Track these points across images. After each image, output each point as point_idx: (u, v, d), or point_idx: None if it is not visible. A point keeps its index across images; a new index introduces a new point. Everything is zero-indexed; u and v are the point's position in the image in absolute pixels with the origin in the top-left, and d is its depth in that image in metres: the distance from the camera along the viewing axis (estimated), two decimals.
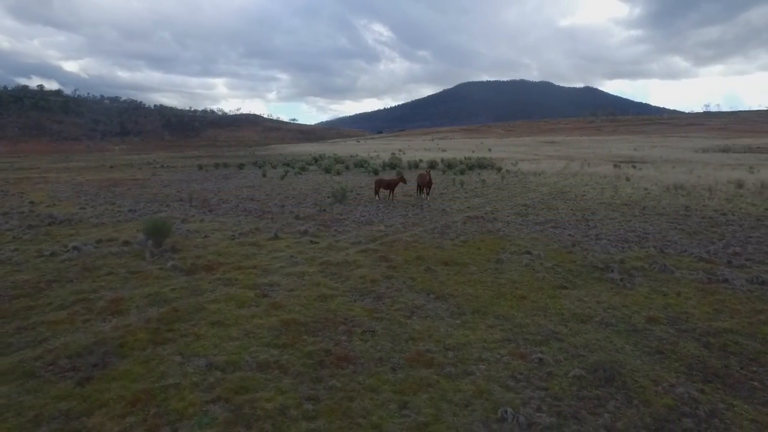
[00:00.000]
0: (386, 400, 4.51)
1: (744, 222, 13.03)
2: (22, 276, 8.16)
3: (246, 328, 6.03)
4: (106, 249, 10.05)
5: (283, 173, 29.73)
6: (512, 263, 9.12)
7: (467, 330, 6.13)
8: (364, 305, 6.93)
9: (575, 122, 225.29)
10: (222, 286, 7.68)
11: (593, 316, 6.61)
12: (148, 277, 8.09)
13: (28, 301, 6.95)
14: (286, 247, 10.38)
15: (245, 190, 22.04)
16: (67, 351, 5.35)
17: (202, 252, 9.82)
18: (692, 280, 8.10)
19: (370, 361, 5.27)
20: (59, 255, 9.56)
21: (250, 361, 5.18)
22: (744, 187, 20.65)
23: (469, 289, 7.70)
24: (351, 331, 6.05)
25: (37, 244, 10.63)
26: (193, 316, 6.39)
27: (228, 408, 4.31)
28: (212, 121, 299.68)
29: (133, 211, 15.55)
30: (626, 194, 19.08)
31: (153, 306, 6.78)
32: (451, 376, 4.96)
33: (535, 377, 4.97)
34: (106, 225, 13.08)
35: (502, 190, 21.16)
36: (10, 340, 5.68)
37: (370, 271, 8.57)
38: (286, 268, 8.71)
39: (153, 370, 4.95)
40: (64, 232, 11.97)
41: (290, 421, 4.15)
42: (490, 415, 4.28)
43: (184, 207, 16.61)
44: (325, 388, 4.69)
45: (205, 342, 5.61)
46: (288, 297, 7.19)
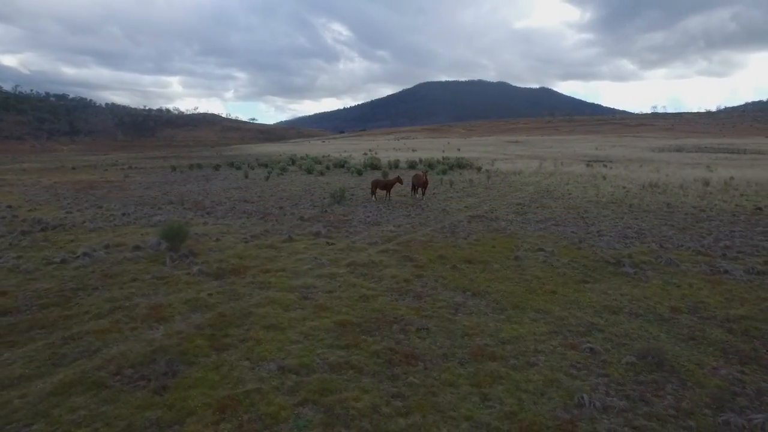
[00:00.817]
0: (467, 393, 4.72)
1: (722, 217, 14.11)
2: (41, 284, 7.80)
3: (302, 330, 6.08)
4: (119, 254, 9.71)
5: (267, 174, 29.27)
6: (530, 260, 9.54)
7: (514, 324, 6.43)
8: (408, 304, 7.11)
9: (534, 122, 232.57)
10: (258, 289, 7.65)
11: (622, 308, 7.07)
12: (178, 282, 7.93)
13: (60, 310, 6.69)
14: (304, 249, 10.38)
15: (233, 192, 21.62)
16: (128, 360, 5.24)
17: (221, 255, 9.67)
18: (697, 272, 8.77)
19: (436, 357, 5.47)
20: (70, 262, 9.17)
21: (321, 362, 5.26)
22: (710, 185, 22.22)
23: (500, 285, 8.02)
24: (405, 329, 6.22)
25: (39, 251, 10.12)
26: (244, 320, 6.36)
27: (319, 410, 4.40)
28: (168, 121, 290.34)
29: (126, 214, 14.98)
30: (608, 192, 20.13)
31: (196, 312, 6.69)
32: (517, 368, 5.24)
33: (593, 365, 5.32)
34: (104, 230, 12.57)
35: (491, 190, 21.79)
36: (61, 350, 5.49)
37: (399, 271, 8.75)
38: (314, 270, 8.75)
39: (227, 376, 4.94)
40: (63, 238, 11.43)
41: (385, 418, 4.29)
42: (568, 402, 4.58)
43: (178, 210, 16.15)
44: (404, 385, 4.85)
45: (268, 346, 5.63)
46: (330, 298, 7.27)
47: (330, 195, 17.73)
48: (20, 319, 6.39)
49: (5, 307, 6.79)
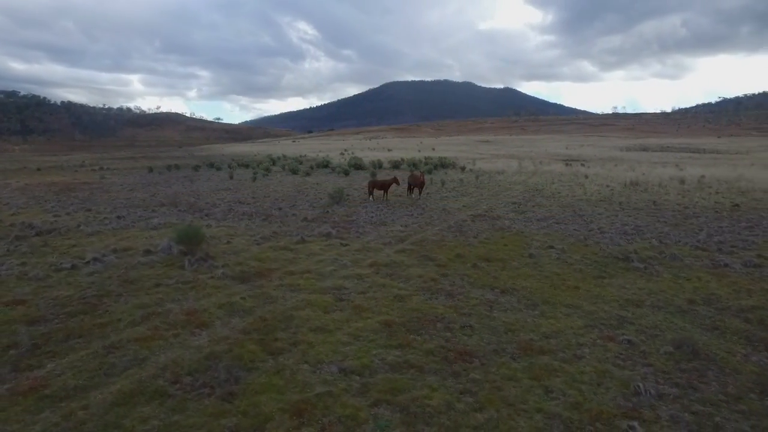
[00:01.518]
0: (529, 387, 4.90)
1: (707, 214, 14.96)
2: (59, 292, 7.49)
3: (350, 332, 6.12)
4: (131, 259, 9.41)
5: (252, 175, 28.77)
6: (544, 257, 9.87)
7: (550, 319, 6.68)
8: (443, 303, 7.25)
9: (500, 122, 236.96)
10: (289, 292, 7.61)
11: (643, 301, 7.45)
12: (205, 286, 7.78)
13: (91, 318, 6.46)
14: (320, 250, 10.35)
15: (224, 193, 21.17)
16: (182, 368, 5.14)
17: (239, 258, 9.52)
18: (701, 266, 9.31)
19: (488, 353, 5.64)
20: (81, 268, 8.82)
21: (380, 363, 5.33)
22: (686, 183, 23.45)
23: (524, 282, 8.28)
24: (449, 327, 6.36)
25: (41, 257, 9.66)
26: (288, 324, 6.33)
27: (395, 409, 4.48)
28: (130, 120, 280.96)
29: (121, 217, 14.45)
30: (595, 191, 20.92)
31: (234, 316, 6.61)
32: (567, 361, 5.47)
33: (635, 356, 5.61)
34: (104, 233, 12.10)
35: (482, 189, 22.23)
36: (108, 360, 5.32)
37: (423, 270, 8.88)
38: (339, 272, 8.76)
39: (292, 380, 4.93)
40: (64, 243, 10.94)
41: (461, 414, 4.41)
42: (624, 391, 4.83)
43: (173, 212, 15.70)
44: (468, 381, 4.99)
45: (321, 348, 5.64)
46: (365, 299, 7.31)
47: (328, 195, 17.67)
48: (51, 328, 6.14)
49: (31, 316, 6.50)
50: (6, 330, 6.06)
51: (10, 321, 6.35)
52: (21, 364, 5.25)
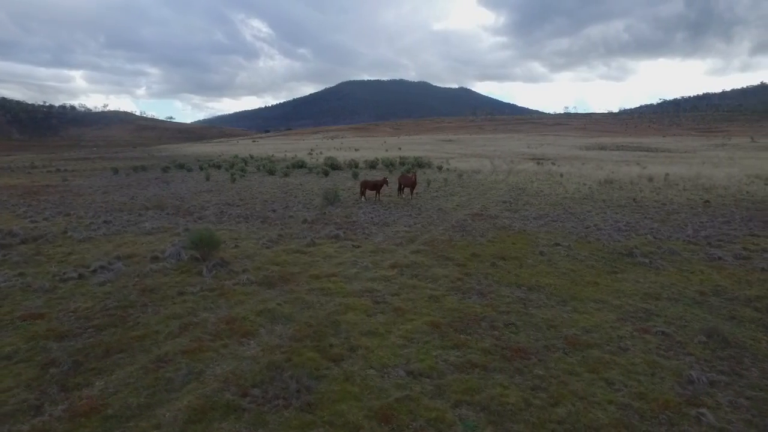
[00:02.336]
0: (591, 380, 5.11)
1: (685, 210, 15.97)
2: (77, 304, 7.03)
3: (401, 335, 6.13)
4: (140, 267, 8.95)
5: (230, 176, 27.91)
6: (554, 255, 10.23)
7: (584, 314, 6.96)
8: (478, 302, 7.38)
9: (457, 121, 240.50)
10: (323, 296, 7.51)
11: (660, 294, 7.90)
12: (233, 293, 7.53)
13: (123, 331, 6.12)
14: (335, 252, 10.25)
15: (207, 195, 20.44)
16: (245, 380, 4.98)
17: (256, 263, 9.27)
18: (698, 259, 9.96)
19: (541, 349, 5.81)
20: (89, 277, 8.31)
21: (444, 364, 5.38)
22: (653, 181, 24.90)
23: (545, 279, 8.56)
24: (494, 326, 6.50)
25: (38, 266, 9.00)
26: (337, 329, 6.26)
27: (476, 409, 4.55)
28: (74, 119, 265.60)
29: (108, 222, 13.67)
30: (574, 189, 21.82)
31: (276, 323, 6.45)
32: (616, 353, 5.73)
33: (674, 346, 5.96)
34: (97, 240, 11.42)
35: (468, 188, 22.67)
36: (162, 374, 5.07)
37: (445, 270, 8.99)
38: (363, 274, 8.72)
39: (365, 386, 4.90)
40: (57, 251, 10.24)
41: (541, 409, 4.54)
42: (678, 379, 5.13)
43: (162, 216, 15.02)
44: (534, 377, 5.13)
45: (380, 353, 5.62)
46: (402, 301, 7.33)
47: (322, 196, 17.46)
48: (85, 343, 5.77)
49: (57, 331, 6.07)
50: (36, 346, 5.64)
51: (36, 336, 5.91)
52: (67, 383, 4.91)
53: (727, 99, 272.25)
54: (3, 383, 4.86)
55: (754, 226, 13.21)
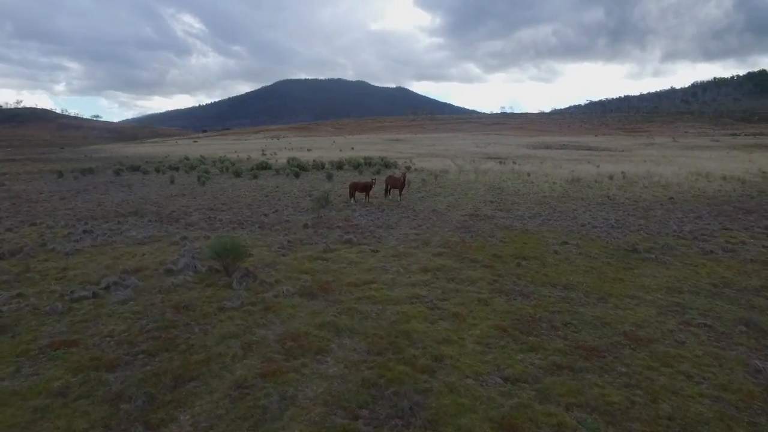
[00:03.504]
0: (670, 374, 5.38)
1: (657, 206, 17.26)
2: (107, 327, 6.33)
3: (475, 341, 6.11)
4: (157, 281, 8.21)
5: (197, 179, 26.38)
6: (568, 253, 10.66)
7: (627, 310, 7.31)
8: (525, 303, 7.52)
9: (398, 120, 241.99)
10: (372, 305, 7.30)
11: (680, 288, 8.47)
12: (279, 306, 7.11)
13: (181, 356, 5.59)
14: (357, 258, 10.01)
15: (181, 200, 19.18)
16: (346, 401, 4.74)
17: (282, 273, 8.82)
18: (694, 253, 10.80)
19: (609, 346, 6.04)
20: (104, 296, 7.51)
21: (534, 368, 5.43)
22: (614, 179, 26.69)
23: (573, 277, 8.89)
24: (553, 326, 6.65)
25: (34, 286, 7.97)
26: (409, 339, 6.11)
27: (587, 410, 4.64)
28: None
29: (88, 232, 12.40)
30: (548, 189, 22.87)
31: (342, 337, 6.19)
32: (676, 347, 6.08)
33: (722, 337, 6.41)
34: (87, 252, 10.33)
35: (447, 188, 23.03)
36: (255, 402, 4.68)
37: (477, 272, 9.08)
38: (399, 279, 8.60)
39: (474, 397, 4.81)
40: (49, 266, 9.13)
41: (644, 407, 4.72)
42: (746, 369, 5.53)
43: (145, 223, 13.88)
44: (619, 375, 5.32)
45: (467, 360, 5.57)
46: (454, 306, 7.30)
47: (314, 199, 16.99)
48: (145, 372, 5.19)
49: (103, 360, 5.42)
50: (89, 379, 5.00)
51: (82, 367, 5.24)
52: (149, 419, 4.40)
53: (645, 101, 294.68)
54: (75, 425, 4.27)
55: (723, 220, 14.56)
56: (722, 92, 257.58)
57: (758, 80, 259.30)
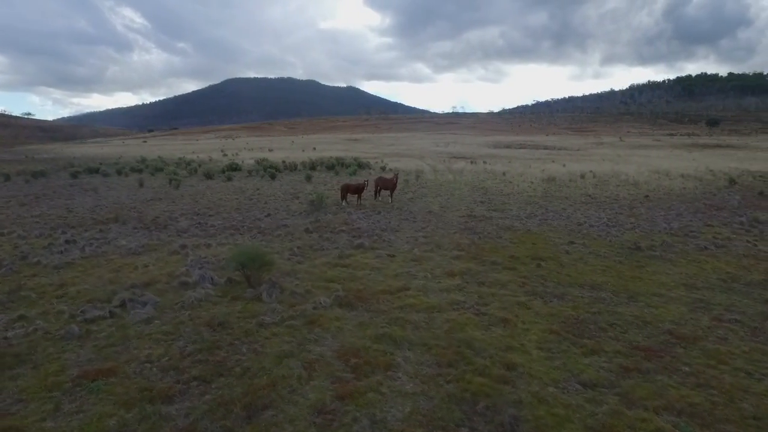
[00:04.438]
0: (731, 371, 5.57)
1: (637, 204, 18.13)
2: (145, 351, 5.72)
3: (536, 346, 6.06)
4: (177, 296, 7.57)
5: (168, 182, 24.89)
6: (579, 252, 10.91)
7: (659, 309, 7.53)
8: (563, 305, 7.58)
9: (353, 120, 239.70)
10: (417, 313, 7.10)
11: (695, 284, 8.86)
12: (321, 319, 6.74)
13: (239, 381, 5.14)
14: (379, 264, 9.75)
15: (160, 204, 17.97)
16: (441, 420, 4.54)
17: (306, 282, 8.40)
18: (691, 250, 11.38)
19: (662, 346, 6.18)
20: (122, 315, 6.82)
21: (604, 372, 5.46)
22: (586, 178, 27.87)
23: (594, 277, 9.09)
24: (600, 327, 6.74)
25: (33, 306, 7.09)
26: (472, 348, 5.96)
27: (675, 413, 4.70)
28: None
29: (72, 242, 11.26)
30: (528, 188, 23.48)
31: (401, 349, 5.96)
32: (721, 343, 6.31)
33: (758, 333, 6.73)
34: (80, 265, 9.37)
35: (431, 189, 23.11)
36: (348, 428, 4.36)
37: (503, 275, 9.08)
38: (429, 285, 8.44)
39: (564, 405, 4.75)
40: (41, 283, 8.18)
41: (726, 407, 4.84)
42: None
43: (131, 231, 12.84)
44: (686, 374, 5.44)
45: (538, 367, 5.50)
46: (498, 310, 7.24)
47: (308, 202, 16.44)
48: (209, 403, 4.72)
49: (153, 390, 4.86)
50: (147, 414, 4.46)
51: (132, 400, 4.68)
52: None
53: (588, 102, 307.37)
54: None
55: (702, 217, 15.50)
56: (656, 95, 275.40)
57: (686, 84, 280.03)
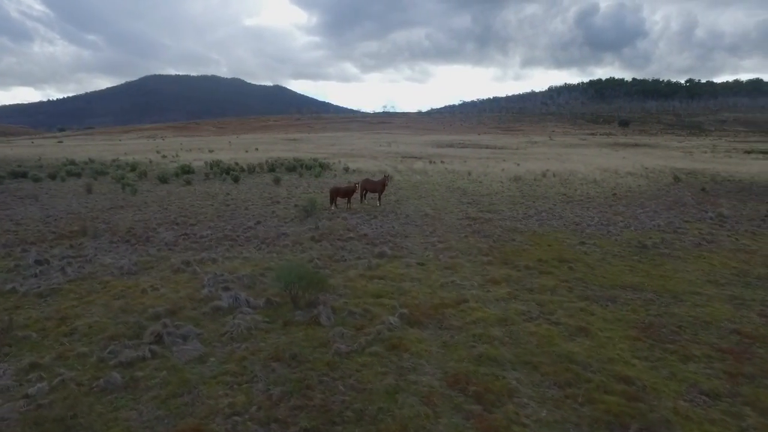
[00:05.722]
0: None
1: (612, 202, 19.12)
2: (225, 400, 4.80)
3: (632, 356, 5.94)
4: (218, 324, 6.53)
5: (122, 188, 22.21)
6: (596, 253, 11.14)
7: (706, 308, 7.78)
8: (619, 309, 7.61)
9: (284, 119, 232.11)
10: (492, 327, 6.73)
11: (717, 280, 9.34)
12: (402, 342, 6.13)
13: (359, 430, 4.43)
14: (417, 274, 9.24)
15: (124, 213, 15.88)
16: None
17: (350, 299, 7.69)
18: (689, 246, 12.06)
19: (742, 347, 6.33)
20: (165, 356, 5.73)
21: (716, 381, 5.44)
22: (547, 177, 29.13)
23: (627, 278, 9.27)
24: (672, 330, 6.80)
25: (38, 350, 5.73)
26: (576, 362, 5.70)
27: None
28: None
29: (43, 262, 9.39)
30: (501, 188, 23.99)
31: (507, 370, 5.55)
32: None
33: None
34: (68, 291, 7.80)
35: (408, 191, 22.84)
36: None
37: (542, 279, 9.00)
38: (482, 294, 8.11)
39: (708, 420, 4.62)
40: (34, 317, 6.65)
41: None
42: None
43: (109, 246, 11.09)
44: None
45: (652, 379, 5.37)
46: (568, 318, 7.09)
47: (301, 208, 15.36)
48: None
49: None
50: None
51: None
52: None
53: (511, 102, 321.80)
54: None
55: (674, 213, 16.66)
56: (572, 96, 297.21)
57: (598, 87, 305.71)
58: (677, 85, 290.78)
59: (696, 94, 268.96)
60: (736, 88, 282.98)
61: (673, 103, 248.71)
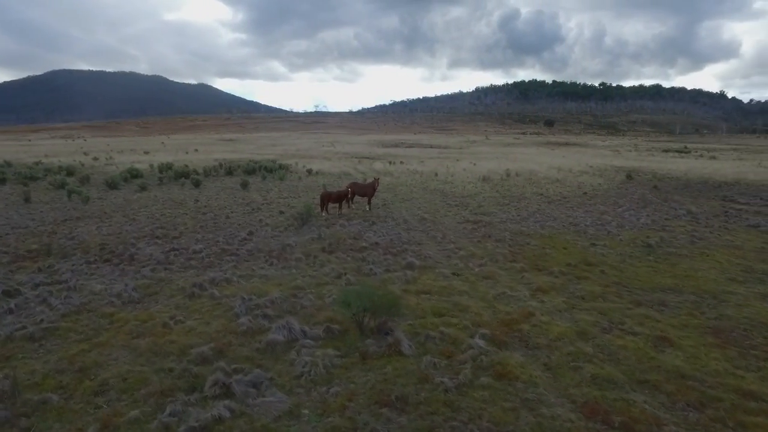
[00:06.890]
0: None
1: (587, 202, 19.88)
2: None
3: (734, 365, 5.87)
4: (284, 364, 5.53)
5: (67, 195, 19.27)
6: (613, 255, 11.28)
7: (750, 307, 7.98)
8: (678, 314, 7.62)
9: (213, 119, 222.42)
10: (576, 344, 6.38)
11: (734, 278, 9.75)
12: (507, 370, 5.54)
13: None
14: (458, 286, 8.70)
15: (88, 225, 13.62)
16: None
17: (426, 322, 6.99)
18: (686, 244, 12.66)
19: None
20: (241, 411, 4.67)
21: None
22: (512, 177, 29.93)
23: (657, 279, 9.40)
24: (741, 335, 6.88)
25: (61, 419, 4.43)
26: (688, 377, 5.48)
27: None
28: None
29: (21, 292, 7.60)
30: (475, 189, 24.13)
31: (628, 392, 5.19)
32: None
33: None
34: (69, 330, 6.29)
35: (387, 193, 22.25)
36: None
37: (582, 285, 8.91)
38: (539, 306, 7.77)
39: None
40: (38, 370, 5.18)
41: None
42: None
43: (85, 267, 9.29)
44: None
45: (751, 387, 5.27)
46: (642, 327, 6.95)
47: (295, 216, 14.12)
48: None
49: None
50: None
51: None
52: None
53: (441, 102, 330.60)
54: None
55: (649, 211, 17.62)
56: (498, 97, 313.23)
57: (522, 89, 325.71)
58: (592, 88, 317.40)
59: (609, 96, 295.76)
60: (641, 92, 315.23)
61: (589, 104, 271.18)
